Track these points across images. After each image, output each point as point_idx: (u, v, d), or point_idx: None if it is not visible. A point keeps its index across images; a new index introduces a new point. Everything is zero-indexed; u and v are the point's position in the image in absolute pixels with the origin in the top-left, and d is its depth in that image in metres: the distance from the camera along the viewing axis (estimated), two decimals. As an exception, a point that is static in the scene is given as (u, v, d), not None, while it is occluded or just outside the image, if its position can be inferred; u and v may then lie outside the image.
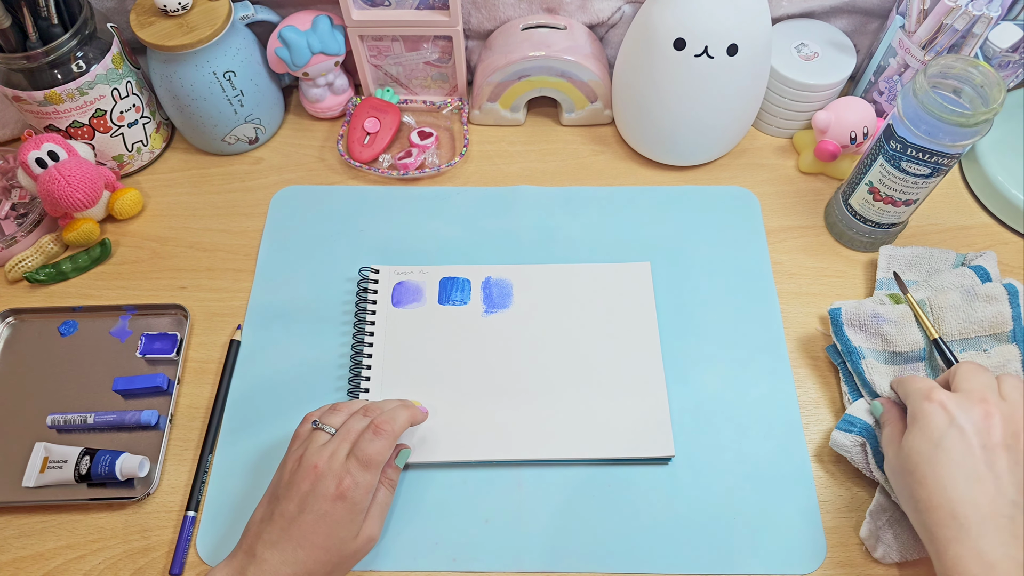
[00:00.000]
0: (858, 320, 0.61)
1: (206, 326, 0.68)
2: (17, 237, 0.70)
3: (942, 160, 0.60)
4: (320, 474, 0.51)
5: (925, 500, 0.47)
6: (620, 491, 0.59)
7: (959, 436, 0.47)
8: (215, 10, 0.68)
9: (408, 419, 0.56)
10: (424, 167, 0.76)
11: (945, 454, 0.47)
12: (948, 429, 0.48)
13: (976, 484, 0.46)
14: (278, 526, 0.50)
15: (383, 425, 0.53)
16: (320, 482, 0.50)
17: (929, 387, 0.51)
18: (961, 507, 0.45)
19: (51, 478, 0.59)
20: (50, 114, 0.69)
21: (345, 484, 0.50)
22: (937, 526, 0.46)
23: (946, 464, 0.47)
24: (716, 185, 0.76)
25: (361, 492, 0.51)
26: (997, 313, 0.60)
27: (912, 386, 0.52)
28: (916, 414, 0.50)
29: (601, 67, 0.75)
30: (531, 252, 0.71)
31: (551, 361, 0.64)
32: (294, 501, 0.50)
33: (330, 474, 0.51)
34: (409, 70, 0.79)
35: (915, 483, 0.48)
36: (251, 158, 0.78)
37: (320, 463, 0.51)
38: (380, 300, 0.67)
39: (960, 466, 0.47)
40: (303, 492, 0.50)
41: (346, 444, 0.52)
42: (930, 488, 0.47)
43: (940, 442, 0.48)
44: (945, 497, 0.46)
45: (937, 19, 0.65)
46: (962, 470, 0.46)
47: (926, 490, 0.47)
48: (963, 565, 0.44)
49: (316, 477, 0.51)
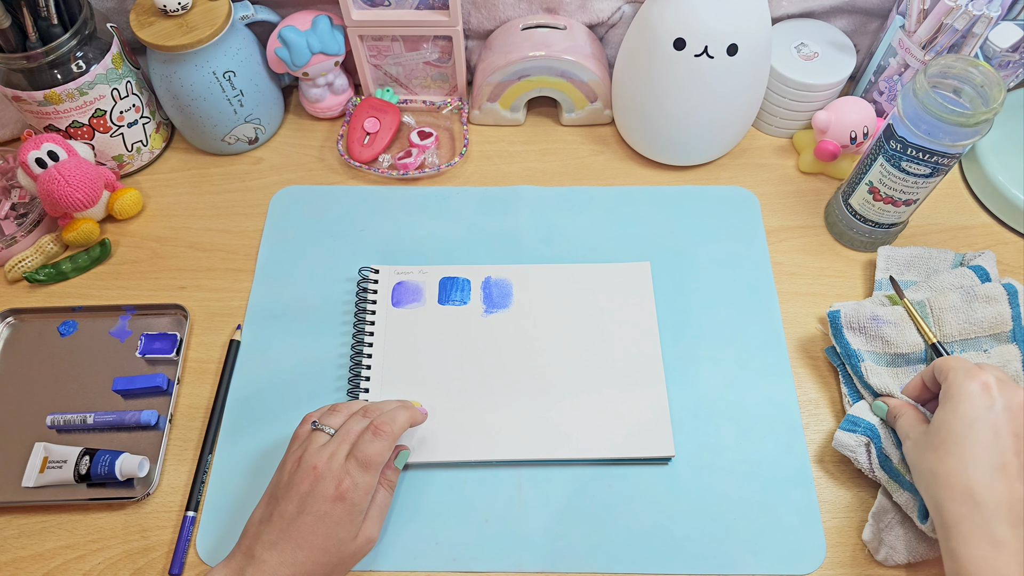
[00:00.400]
0: (857, 323, 0.61)
1: (206, 326, 0.68)
2: (17, 237, 0.70)
3: (942, 160, 0.60)
4: (319, 475, 0.51)
5: (945, 476, 0.47)
6: (620, 491, 0.59)
7: (994, 420, 0.47)
8: (215, 10, 0.68)
9: (407, 420, 0.56)
10: (424, 167, 0.76)
11: (975, 436, 0.47)
12: (986, 412, 0.48)
13: (1000, 471, 0.46)
14: (277, 527, 0.50)
15: (382, 426, 0.53)
16: (319, 483, 0.50)
17: (976, 367, 0.51)
18: (979, 489, 0.46)
19: (51, 478, 0.59)
20: (50, 114, 0.69)
21: (344, 485, 0.50)
22: (952, 502, 0.46)
23: (974, 445, 0.47)
24: (716, 185, 0.76)
25: (360, 493, 0.51)
26: (997, 313, 0.60)
27: (956, 363, 0.52)
28: (955, 392, 0.49)
29: (601, 67, 0.75)
30: (531, 252, 0.71)
31: (551, 361, 0.64)
32: (293, 502, 0.50)
33: (329, 475, 0.51)
34: (409, 70, 0.79)
35: (938, 460, 0.48)
36: (251, 158, 0.78)
37: (319, 464, 0.51)
38: (380, 300, 0.67)
39: (988, 450, 0.47)
40: (302, 493, 0.50)
41: (345, 445, 0.52)
42: (952, 466, 0.47)
43: (973, 423, 0.47)
44: (965, 476, 0.46)
45: (937, 19, 0.65)
46: (989, 454, 0.47)
47: (947, 467, 0.47)
48: (973, 542, 0.45)
49: (315, 478, 0.51)
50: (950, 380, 0.51)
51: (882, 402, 0.57)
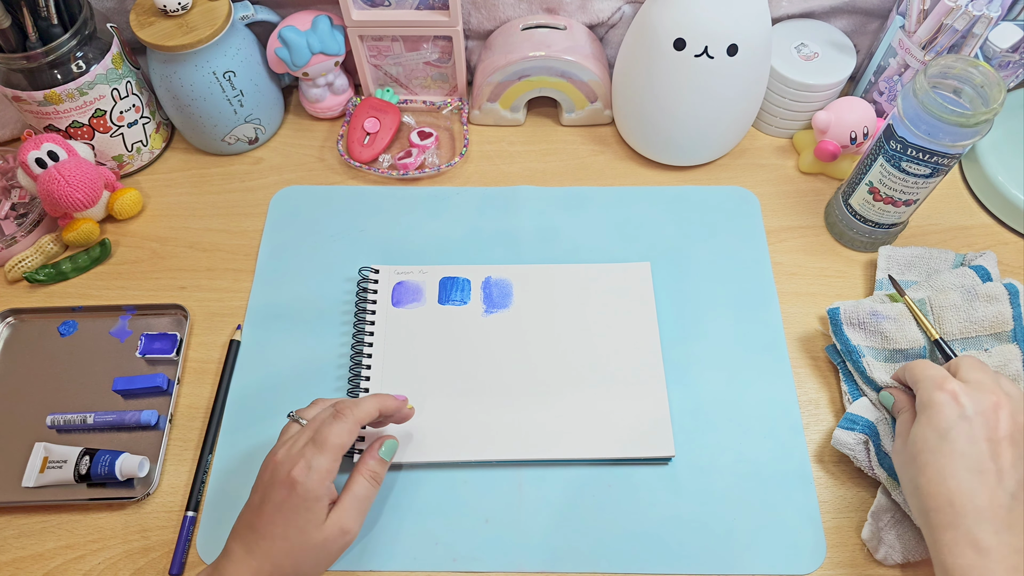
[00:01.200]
0: (857, 318, 0.61)
1: (206, 326, 0.68)
2: (17, 237, 0.70)
3: (942, 160, 0.60)
4: (278, 462, 0.50)
5: (925, 487, 0.48)
6: (620, 491, 0.59)
7: (967, 428, 0.48)
8: (215, 10, 0.68)
9: (375, 406, 0.54)
10: (424, 167, 0.76)
11: (950, 445, 0.48)
12: (958, 421, 0.48)
13: (978, 476, 0.46)
14: (244, 519, 0.50)
15: (344, 410, 0.52)
16: (277, 470, 0.50)
17: (942, 376, 0.51)
18: (959, 497, 0.46)
19: (51, 478, 0.59)
20: (50, 114, 0.69)
21: (297, 469, 0.49)
22: (935, 512, 0.47)
23: (950, 455, 0.47)
24: (716, 185, 0.76)
25: (315, 477, 0.49)
26: (998, 313, 0.60)
27: (923, 372, 0.52)
28: (926, 403, 0.50)
29: (601, 67, 0.75)
30: (531, 252, 0.71)
31: (551, 361, 0.64)
32: (258, 492, 0.51)
33: (287, 462, 0.50)
34: (409, 70, 0.79)
35: (918, 471, 0.48)
36: (251, 158, 0.78)
37: (279, 453, 0.51)
38: (380, 300, 0.67)
39: (964, 457, 0.47)
40: (264, 483, 0.50)
41: (308, 432, 0.52)
42: (931, 476, 0.47)
43: (947, 433, 0.48)
44: (945, 486, 0.47)
45: (937, 19, 0.65)
46: (965, 461, 0.47)
47: (926, 478, 0.48)
48: (958, 550, 0.45)
49: (275, 466, 0.50)
50: (920, 391, 0.51)
51: (888, 393, 0.57)
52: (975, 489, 0.46)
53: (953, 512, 0.46)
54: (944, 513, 0.46)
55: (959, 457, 0.47)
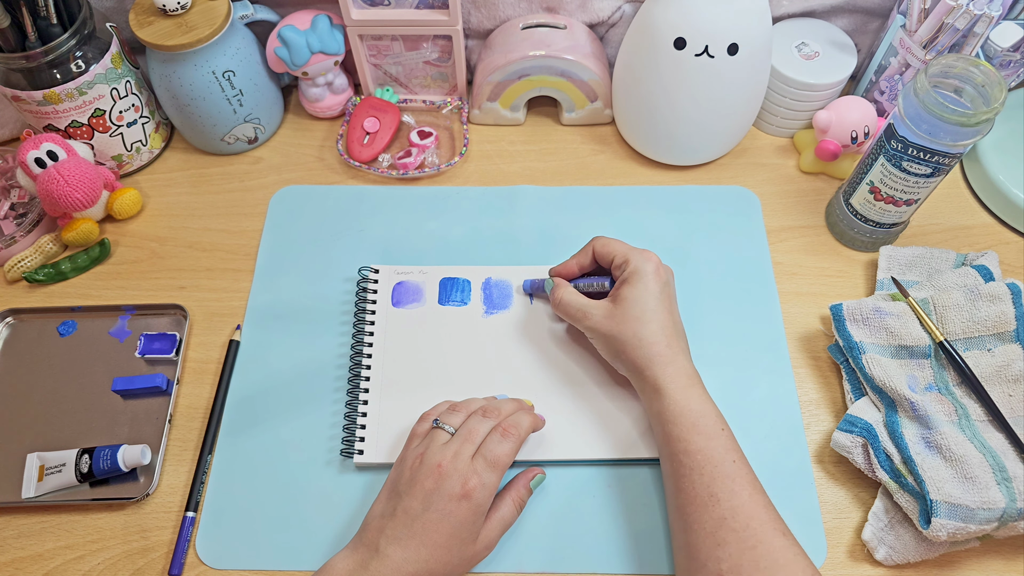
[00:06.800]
0: (860, 315, 0.61)
1: (205, 326, 0.67)
2: (16, 237, 0.70)
3: (943, 160, 0.60)
4: (444, 473, 0.51)
5: (647, 337, 0.56)
6: (620, 491, 0.59)
7: (669, 293, 0.59)
8: (214, 9, 0.68)
9: (531, 425, 0.56)
10: (424, 167, 0.76)
11: (661, 304, 0.57)
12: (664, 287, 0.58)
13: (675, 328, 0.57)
14: (401, 522, 0.50)
15: (510, 428, 0.54)
16: (445, 481, 0.51)
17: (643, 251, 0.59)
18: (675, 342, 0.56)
19: (52, 484, 0.59)
20: (49, 114, 0.69)
21: (471, 484, 0.51)
22: (656, 357, 0.55)
23: (663, 311, 0.57)
24: (717, 185, 0.75)
25: (486, 493, 0.51)
26: (1000, 312, 0.60)
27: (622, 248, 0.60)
28: (640, 271, 0.58)
29: (601, 66, 0.74)
30: (531, 252, 0.71)
31: (551, 362, 0.64)
32: (418, 498, 0.50)
33: (455, 473, 0.51)
34: (409, 69, 0.79)
35: (641, 326, 0.56)
36: (250, 158, 0.78)
37: (444, 462, 0.51)
38: (380, 300, 0.67)
39: (670, 313, 0.57)
40: (427, 490, 0.51)
41: (469, 444, 0.53)
42: (653, 329, 0.56)
43: (660, 295, 0.57)
44: (664, 334, 0.56)
45: (938, 18, 0.65)
46: (671, 316, 0.57)
47: (649, 331, 0.56)
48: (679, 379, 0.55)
49: (440, 476, 0.51)
50: (632, 262, 0.58)
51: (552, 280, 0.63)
52: (678, 337, 0.57)
53: (671, 354, 0.55)
54: (663, 357, 0.55)
55: (666, 313, 0.57)
